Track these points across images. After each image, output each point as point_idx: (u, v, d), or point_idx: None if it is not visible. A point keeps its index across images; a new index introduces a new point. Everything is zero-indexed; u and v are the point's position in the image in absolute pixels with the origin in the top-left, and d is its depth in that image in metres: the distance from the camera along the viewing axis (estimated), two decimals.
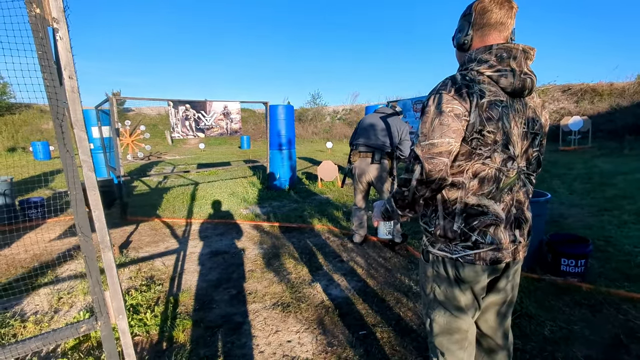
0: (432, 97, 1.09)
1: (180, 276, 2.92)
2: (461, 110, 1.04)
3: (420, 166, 1.07)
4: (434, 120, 1.06)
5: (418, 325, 2.16)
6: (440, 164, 1.05)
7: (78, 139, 1.03)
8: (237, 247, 3.59)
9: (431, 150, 1.06)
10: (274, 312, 2.35)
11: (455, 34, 1.22)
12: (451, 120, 1.04)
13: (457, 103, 1.04)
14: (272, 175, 6.45)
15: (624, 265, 2.91)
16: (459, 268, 1.15)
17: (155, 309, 2.34)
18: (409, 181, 1.11)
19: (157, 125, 22.35)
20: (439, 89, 1.08)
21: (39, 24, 0.95)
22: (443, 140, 1.04)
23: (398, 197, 1.17)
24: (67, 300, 2.53)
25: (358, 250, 3.45)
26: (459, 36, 1.18)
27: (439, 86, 1.09)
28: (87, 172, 1.06)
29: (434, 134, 1.05)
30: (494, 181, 1.09)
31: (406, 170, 1.13)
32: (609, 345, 1.97)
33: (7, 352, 0.98)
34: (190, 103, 5.30)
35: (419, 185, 1.09)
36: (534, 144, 1.16)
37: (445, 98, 1.05)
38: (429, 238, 1.22)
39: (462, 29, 1.17)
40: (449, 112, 1.04)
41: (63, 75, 0.97)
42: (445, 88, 1.06)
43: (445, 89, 1.06)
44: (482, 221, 1.10)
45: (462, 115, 1.04)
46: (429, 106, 1.09)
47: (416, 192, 1.11)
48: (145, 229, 4.32)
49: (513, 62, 1.07)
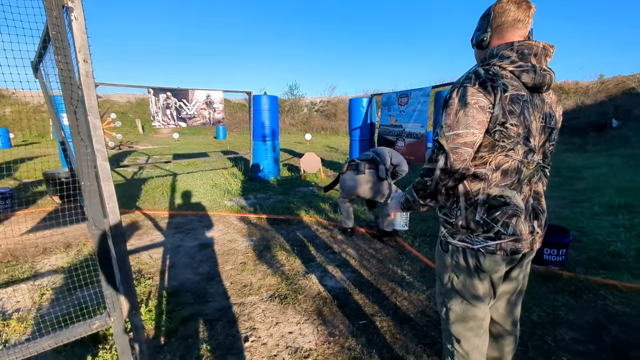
0: (456, 90, 1.11)
1: (170, 269, 2.82)
2: (485, 102, 1.06)
3: (445, 156, 1.09)
4: (459, 112, 1.08)
5: (415, 314, 2.21)
6: (465, 154, 1.08)
7: (92, 127, 0.95)
8: (226, 239, 3.52)
9: (456, 140, 1.08)
10: (272, 304, 2.33)
11: (475, 33, 1.26)
12: (476, 112, 1.06)
13: (482, 96, 1.06)
14: (256, 166, 6.35)
15: (599, 254, 3.11)
16: (479, 258, 1.19)
17: (148, 303, 2.26)
18: (432, 171, 1.13)
19: (127, 113, 21.34)
20: (463, 82, 1.10)
21: (53, 2, 0.86)
22: (468, 131, 1.07)
23: (420, 187, 1.19)
24: (50, 296, 2.38)
25: (348, 242, 3.47)
26: (478, 34, 1.22)
27: (462, 79, 1.12)
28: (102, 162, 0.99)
29: (458, 125, 1.07)
30: (516, 173, 1.13)
31: (429, 161, 1.15)
32: (591, 327, 2.10)
33: (18, 352, 0.90)
34: (171, 91, 5.09)
35: (443, 175, 1.11)
36: (550, 139, 1.21)
37: (470, 90, 1.07)
38: (449, 229, 1.24)
39: (482, 27, 1.21)
40: (473, 104, 1.06)
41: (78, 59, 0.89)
42: (469, 81, 1.09)
43: (470, 82, 1.08)
44: (504, 212, 1.13)
45: (486, 108, 1.06)
46: (452, 99, 1.11)
47: (439, 182, 1.13)
48: (126, 221, 4.13)
49: (534, 58, 1.10)
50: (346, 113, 22.42)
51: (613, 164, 8.04)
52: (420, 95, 4.86)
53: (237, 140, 16.93)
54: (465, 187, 1.17)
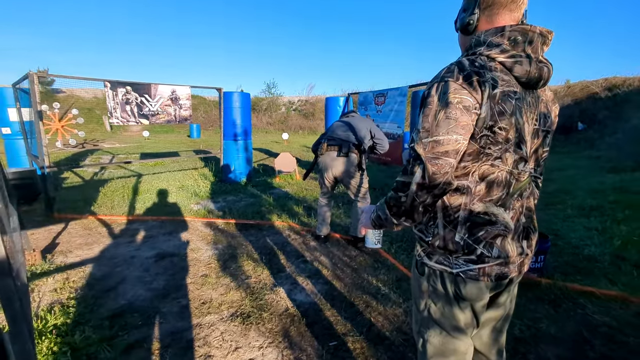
0: (435, 86, 0.90)
1: (118, 286, 2.50)
2: (471, 101, 0.86)
3: (422, 168, 0.88)
4: (439, 113, 0.87)
5: (391, 332, 2.03)
6: (446, 165, 0.87)
7: None
8: (188, 248, 3.22)
9: (435, 149, 0.87)
10: (232, 324, 2.07)
11: (459, 14, 1.04)
12: (459, 114, 0.86)
13: (467, 93, 0.86)
14: (227, 167, 6.03)
15: (574, 259, 3.06)
16: (459, 284, 1.00)
17: (86, 328, 1.95)
18: (407, 185, 0.92)
19: (94, 109, 20.25)
20: (444, 76, 0.89)
21: None
22: (450, 137, 0.86)
23: (393, 204, 0.97)
24: None
25: (322, 249, 3.26)
26: (463, 16, 1.01)
27: (442, 72, 0.91)
28: None
29: (438, 129, 0.87)
30: (505, 186, 0.94)
31: (403, 173, 0.94)
32: (574, 341, 1.99)
33: None
34: (131, 85, 4.69)
35: (420, 190, 0.90)
36: (545, 144, 1.03)
37: (452, 87, 0.86)
38: (425, 248, 1.05)
39: (467, 7, 0.99)
40: (457, 103, 0.86)
41: None
42: (451, 75, 0.88)
43: (451, 76, 0.88)
44: (489, 232, 0.94)
45: (472, 108, 0.86)
46: (431, 96, 0.90)
47: (416, 199, 0.92)
48: (77, 228, 3.73)
49: (529, 47, 0.91)
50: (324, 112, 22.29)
51: (581, 166, 8.27)
52: (397, 95, 4.73)
53: (211, 139, 16.39)
54: (443, 202, 0.97)
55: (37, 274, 2.62)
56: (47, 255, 2.98)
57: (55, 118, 11.87)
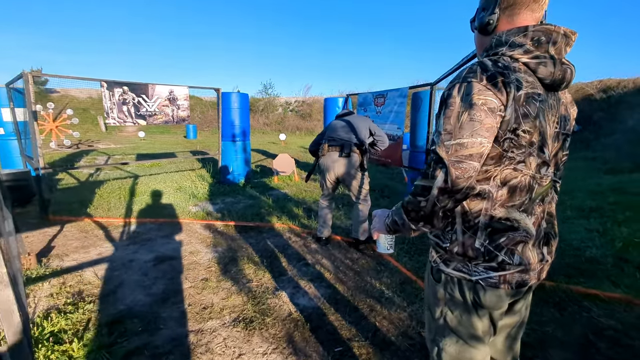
0: (457, 86, 0.86)
1: (117, 290, 2.44)
2: (496, 103, 0.83)
3: (445, 172, 0.85)
4: (462, 114, 0.84)
5: (396, 337, 2.00)
6: (470, 169, 0.84)
7: None
8: (187, 251, 3.16)
9: (459, 151, 0.84)
10: (234, 330, 2.03)
11: (477, 13, 1.01)
12: (484, 115, 0.83)
13: (491, 94, 0.83)
14: (225, 168, 5.97)
15: (576, 261, 3.05)
16: (479, 292, 0.97)
17: (84, 335, 1.89)
18: (428, 189, 0.88)
19: (89, 109, 20.05)
20: (466, 76, 0.86)
21: None
22: (474, 139, 0.83)
23: (411, 208, 0.94)
24: None
25: (323, 251, 3.22)
26: (482, 15, 0.98)
27: (464, 73, 0.87)
28: None
29: (462, 131, 0.84)
30: (527, 190, 0.91)
31: (423, 176, 0.90)
32: (581, 345, 1.97)
33: None
34: (128, 85, 4.62)
35: (442, 195, 0.87)
36: (564, 147, 1.00)
37: (476, 87, 0.83)
38: (441, 255, 1.02)
39: (487, 6, 0.97)
40: (481, 104, 0.82)
41: None
42: (474, 75, 0.85)
43: (474, 77, 0.84)
44: (510, 238, 0.91)
45: (496, 110, 0.83)
46: (452, 97, 0.86)
47: (437, 203, 0.88)
48: (73, 231, 3.66)
49: (552, 47, 0.88)
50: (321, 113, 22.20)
51: (577, 167, 8.31)
52: (397, 96, 4.70)
53: (208, 140, 16.28)
54: (463, 207, 0.93)
55: (32, 279, 2.55)
56: (43, 259, 2.91)
57: (50, 118, 11.71)
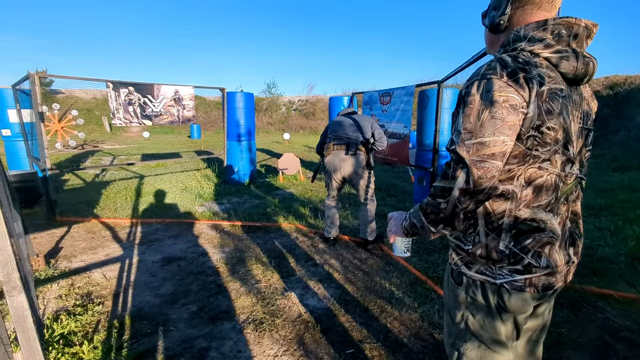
0: (477, 84, 0.83)
1: (126, 291, 2.44)
2: (518, 100, 0.80)
3: (466, 172, 0.82)
4: (483, 112, 0.81)
5: (408, 338, 1.97)
6: (493, 168, 0.81)
7: None
8: (195, 252, 3.15)
9: (481, 151, 0.81)
10: (245, 331, 2.01)
11: (489, 11, 0.98)
12: (506, 113, 0.79)
13: (513, 91, 0.80)
14: (230, 168, 5.96)
15: (588, 260, 3.00)
16: (503, 295, 0.93)
17: (94, 337, 1.88)
18: (448, 191, 0.85)
19: (93, 110, 20.15)
20: (485, 73, 0.83)
21: None
22: (496, 138, 0.80)
23: (431, 210, 0.91)
24: None
25: (331, 251, 3.19)
26: (494, 14, 0.94)
27: (483, 70, 0.84)
28: None
29: (483, 130, 0.80)
30: (553, 190, 0.87)
31: (443, 177, 0.87)
32: (597, 347, 1.94)
33: None
34: (134, 86, 4.62)
35: (463, 196, 0.83)
36: (587, 143, 0.97)
37: (497, 84, 0.80)
38: (463, 257, 0.99)
39: (499, 5, 0.93)
40: (503, 102, 0.79)
41: None
42: (494, 72, 0.82)
43: (494, 73, 0.81)
44: (537, 240, 0.88)
45: (519, 107, 0.80)
46: (472, 95, 0.83)
47: (457, 205, 0.85)
48: (80, 232, 3.67)
49: (573, 41, 0.85)
50: (325, 112, 22.14)
51: None
52: (404, 94, 4.66)
53: (212, 140, 16.31)
54: (485, 208, 0.90)
55: (41, 280, 2.55)
56: (51, 260, 2.91)
57: (55, 119, 11.78)
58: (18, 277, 0.77)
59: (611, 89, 14.24)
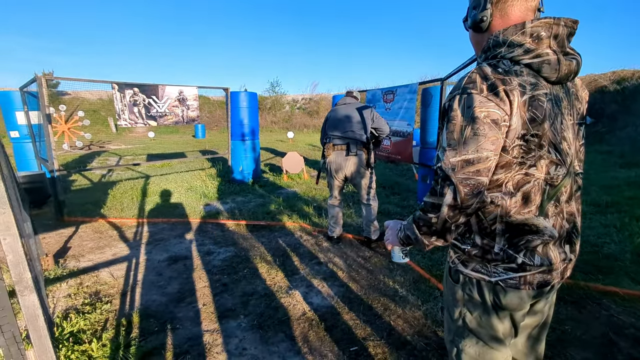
0: (457, 98, 0.83)
1: (133, 290, 2.48)
2: (499, 114, 0.80)
3: (453, 189, 0.83)
4: (465, 129, 0.81)
5: (412, 336, 1.98)
6: (479, 185, 0.82)
7: None
8: (201, 251, 3.19)
9: (465, 168, 0.82)
10: (249, 329, 2.04)
11: (469, 11, 0.97)
12: (488, 129, 0.80)
13: (494, 105, 0.79)
14: (235, 167, 5.99)
15: (594, 257, 2.99)
16: (499, 293, 0.95)
17: (102, 335, 1.92)
18: (437, 207, 0.86)
19: (99, 111, 20.32)
20: (465, 87, 0.83)
21: None
22: (480, 155, 0.81)
23: (422, 224, 0.92)
24: None
25: (335, 250, 3.21)
26: (474, 13, 0.93)
27: (463, 83, 0.84)
28: None
29: (467, 147, 0.81)
30: (542, 193, 0.88)
31: (431, 194, 0.88)
32: (601, 344, 1.93)
33: None
34: (139, 87, 4.66)
35: (452, 212, 0.85)
36: (579, 136, 0.97)
37: (477, 99, 0.80)
38: (459, 255, 1.00)
39: (477, 3, 0.92)
40: (484, 117, 0.79)
41: None
42: (474, 86, 0.81)
43: (474, 87, 0.81)
44: (530, 240, 0.89)
45: (500, 121, 0.80)
46: (454, 110, 0.83)
47: (448, 220, 0.86)
48: (88, 231, 3.72)
49: (554, 42, 0.84)
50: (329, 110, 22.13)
51: (592, 161, 8.13)
52: (407, 92, 4.65)
53: (216, 139, 16.39)
54: (477, 216, 0.92)
55: (50, 279, 2.60)
56: (60, 259, 2.97)
57: (62, 120, 11.92)
58: (29, 277, 0.80)
59: (618, 83, 14.05)
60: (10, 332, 0.79)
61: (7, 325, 0.77)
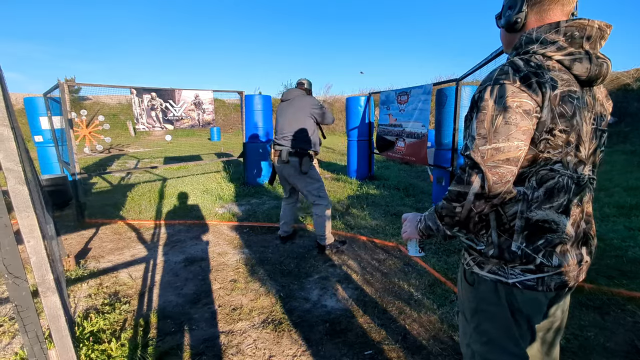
0: (489, 89, 0.84)
1: (150, 291, 2.53)
2: (531, 105, 0.81)
3: (481, 177, 0.83)
4: (496, 118, 0.82)
5: (427, 340, 1.95)
6: (508, 173, 0.82)
7: None
8: (216, 253, 3.23)
9: (495, 156, 0.82)
10: (264, 331, 2.05)
11: (504, 10, 0.98)
12: (520, 118, 0.80)
13: (526, 96, 0.80)
14: (250, 170, 6.05)
15: (618, 261, 2.88)
16: (515, 295, 0.94)
17: (121, 335, 1.97)
18: (463, 195, 0.86)
19: (118, 115, 20.89)
20: (497, 78, 0.84)
21: None
22: (511, 143, 0.81)
23: (446, 214, 0.92)
24: (9, 328, 2.08)
25: (349, 252, 3.20)
26: (509, 13, 0.94)
27: (496, 74, 0.85)
28: (15, 185, 0.70)
29: (497, 135, 0.81)
30: (565, 191, 0.87)
31: (457, 182, 0.88)
32: (626, 352, 1.86)
33: None
34: (156, 91, 4.78)
35: (478, 200, 0.85)
36: (601, 144, 0.96)
37: (509, 89, 0.81)
38: (475, 257, 0.99)
39: (514, 4, 0.93)
40: (516, 107, 0.80)
41: None
42: (507, 77, 0.82)
43: (507, 78, 0.82)
44: (549, 240, 0.88)
45: (532, 112, 0.81)
46: (485, 100, 0.84)
47: (473, 209, 0.86)
48: (107, 233, 3.83)
49: (587, 43, 0.84)
50: (342, 112, 22.10)
51: (614, 161, 7.86)
52: (421, 93, 4.60)
53: (231, 142, 16.60)
54: (497, 211, 0.91)
55: (72, 280, 2.68)
56: (81, 260, 3.06)
57: (83, 125, 12.30)
58: (52, 278, 0.83)
59: None
60: (34, 332, 0.82)
61: (30, 325, 0.80)
